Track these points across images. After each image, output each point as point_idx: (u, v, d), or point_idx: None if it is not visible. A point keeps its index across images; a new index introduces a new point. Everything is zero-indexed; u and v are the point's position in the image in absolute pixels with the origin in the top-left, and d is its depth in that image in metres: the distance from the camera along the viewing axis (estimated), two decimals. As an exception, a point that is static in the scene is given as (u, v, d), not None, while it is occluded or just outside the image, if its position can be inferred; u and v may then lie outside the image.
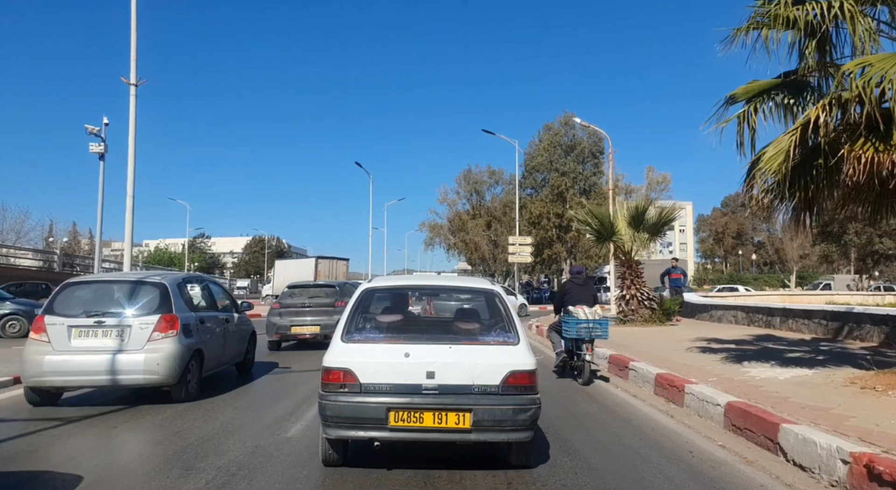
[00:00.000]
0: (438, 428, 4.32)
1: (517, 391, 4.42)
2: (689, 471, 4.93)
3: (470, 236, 58.61)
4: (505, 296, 5.30)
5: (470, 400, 4.34)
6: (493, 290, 5.33)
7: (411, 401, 4.34)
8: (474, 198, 69.21)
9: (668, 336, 14.28)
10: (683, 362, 9.47)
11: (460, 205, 67.67)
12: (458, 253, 65.38)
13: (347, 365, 4.43)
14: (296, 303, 13.85)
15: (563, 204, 45.77)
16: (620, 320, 18.24)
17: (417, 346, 4.54)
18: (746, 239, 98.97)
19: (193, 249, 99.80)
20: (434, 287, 6.46)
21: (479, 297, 5.80)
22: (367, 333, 4.86)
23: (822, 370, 8.44)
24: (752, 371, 8.49)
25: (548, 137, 45.91)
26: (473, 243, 58.36)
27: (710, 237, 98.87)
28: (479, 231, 60.96)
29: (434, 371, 4.37)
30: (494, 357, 4.53)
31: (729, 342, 12.27)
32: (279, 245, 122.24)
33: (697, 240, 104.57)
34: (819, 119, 6.75)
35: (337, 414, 4.37)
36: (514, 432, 4.40)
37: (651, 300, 18.86)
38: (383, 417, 4.31)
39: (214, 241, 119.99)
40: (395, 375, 4.39)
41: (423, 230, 67.70)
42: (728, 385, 7.32)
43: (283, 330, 13.42)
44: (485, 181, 68.17)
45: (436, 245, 67.89)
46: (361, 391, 4.36)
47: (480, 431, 4.34)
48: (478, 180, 67.31)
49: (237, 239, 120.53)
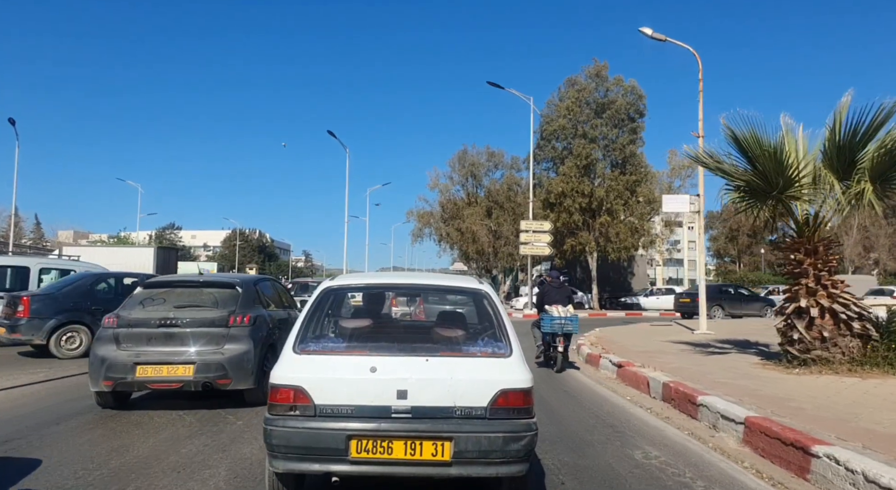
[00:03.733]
0: (411, 460, 3.33)
1: (509, 414, 3.45)
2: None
3: (466, 224, 47.41)
4: (495, 297, 4.20)
5: (450, 425, 3.38)
6: (481, 290, 4.25)
7: (378, 427, 3.35)
8: (470, 183, 58.02)
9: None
10: None
11: (454, 191, 56.69)
12: (450, 245, 54.06)
13: (299, 382, 3.44)
14: (150, 318, 6.67)
15: (591, 179, 34.56)
16: (792, 360, 9.22)
17: (387, 359, 3.58)
18: (762, 237, 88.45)
19: (161, 241, 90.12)
20: (410, 286, 5.10)
21: (466, 298, 4.93)
22: (325, 343, 3.90)
23: None
24: None
25: (572, 94, 34.56)
26: (471, 233, 47.16)
27: (723, 235, 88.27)
28: (477, 219, 49.72)
29: (407, 390, 3.40)
30: (481, 372, 3.54)
31: None
32: (261, 239, 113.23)
33: (708, 238, 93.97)
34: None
35: (286, 443, 3.38)
36: (505, 465, 3.40)
37: (862, 320, 8.99)
38: (343, 447, 3.33)
39: (195, 234, 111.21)
40: (359, 395, 3.41)
41: (410, 219, 56.38)
42: None
43: (119, 372, 6.37)
44: (483, 164, 57.12)
45: (425, 237, 56.67)
46: (316, 415, 3.40)
47: (463, 464, 3.36)
48: (475, 162, 56.16)
49: (216, 232, 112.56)
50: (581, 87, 34.85)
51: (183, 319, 6.60)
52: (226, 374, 6.41)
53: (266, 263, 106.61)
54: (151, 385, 6.48)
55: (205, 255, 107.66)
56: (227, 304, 6.91)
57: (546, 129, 35.33)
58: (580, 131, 34.34)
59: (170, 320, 6.58)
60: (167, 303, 6.85)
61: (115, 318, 6.69)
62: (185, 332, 6.55)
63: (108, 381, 6.37)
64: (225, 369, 6.43)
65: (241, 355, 6.53)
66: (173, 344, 6.50)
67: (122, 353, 6.42)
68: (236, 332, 6.64)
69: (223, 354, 6.46)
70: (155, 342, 6.51)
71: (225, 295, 7.04)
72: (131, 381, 6.38)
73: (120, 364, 6.36)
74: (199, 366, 6.39)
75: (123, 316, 6.71)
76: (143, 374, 6.35)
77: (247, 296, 7.13)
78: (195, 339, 6.54)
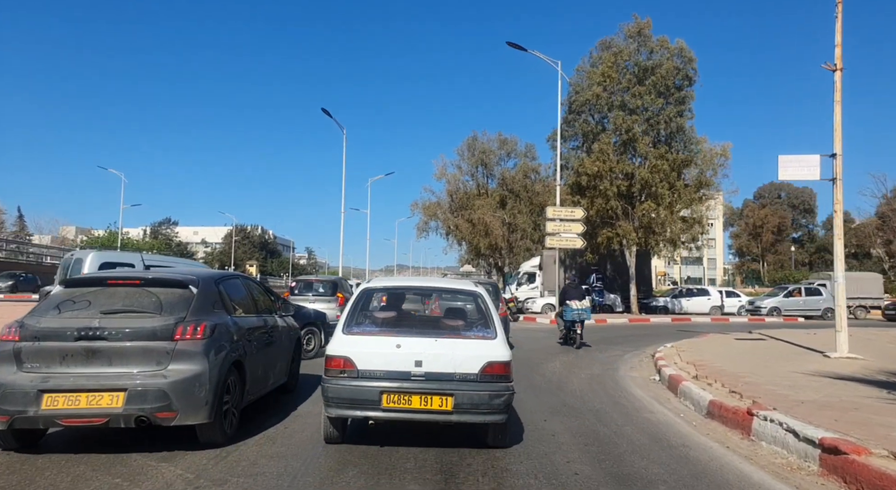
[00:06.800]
0: (424, 409, 4.72)
1: (493, 379, 4.79)
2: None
3: (478, 215, 41.37)
4: (487, 296, 5.47)
5: (452, 386, 4.73)
6: (476, 292, 5.53)
7: (401, 385, 4.73)
8: (480, 172, 51.94)
9: None
10: None
11: (464, 180, 50.67)
12: (459, 241, 48.01)
13: (347, 353, 4.85)
14: (67, 328, 5.05)
15: (632, 158, 28.39)
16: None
17: (408, 339, 4.93)
18: (787, 234, 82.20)
19: (157, 237, 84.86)
20: (425, 288, 6.96)
21: (467, 297, 5.84)
22: (364, 327, 5.21)
23: None
24: None
25: (607, 59, 28.31)
26: (483, 224, 41.09)
27: (745, 232, 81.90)
28: (489, 210, 43.67)
29: (421, 360, 4.78)
30: (474, 349, 4.88)
31: None
32: (263, 235, 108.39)
33: (729, 235, 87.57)
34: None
35: (337, 395, 4.80)
36: (490, 415, 4.77)
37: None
38: (377, 399, 4.72)
39: (196, 230, 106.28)
40: (388, 363, 4.79)
41: (415, 212, 50.32)
42: None
43: (17, 403, 4.79)
44: (494, 151, 51.00)
45: (431, 231, 50.58)
46: (359, 376, 4.79)
47: (461, 413, 4.72)
48: (486, 150, 50.07)
49: (218, 228, 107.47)
50: (618, 50, 28.63)
51: (111, 330, 5.00)
52: (169, 404, 4.80)
53: (268, 260, 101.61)
54: (64, 421, 4.84)
55: (203, 252, 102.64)
56: (176, 308, 5.32)
57: (576, 101, 29.08)
58: (618, 101, 28.11)
59: (93, 331, 4.98)
60: (92, 307, 5.26)
61: (17, 328, 5.09)
62: (114, 347, 4.98)
63: (2, 417, 4.76)
64: (168, 398, 4.83)
65: (191, 379, 4.93)
66: (97, 364, 4.96)
67: (24, 377, 4.87)
68: (186, 346, 5.05)
69: (166, 378, 4.87)
70: (71, 361, 4.96)
71: (173, 297, 5.42)
72: (35, 415, 4.79)
73: (19, 392, 4.79)
74: (131, 394, 4.83)
75: (29, 325, 5.10)
76: (51, 406, 4.79)
77: (204, 298, 5.57)
78: (128, 358, 4.99)
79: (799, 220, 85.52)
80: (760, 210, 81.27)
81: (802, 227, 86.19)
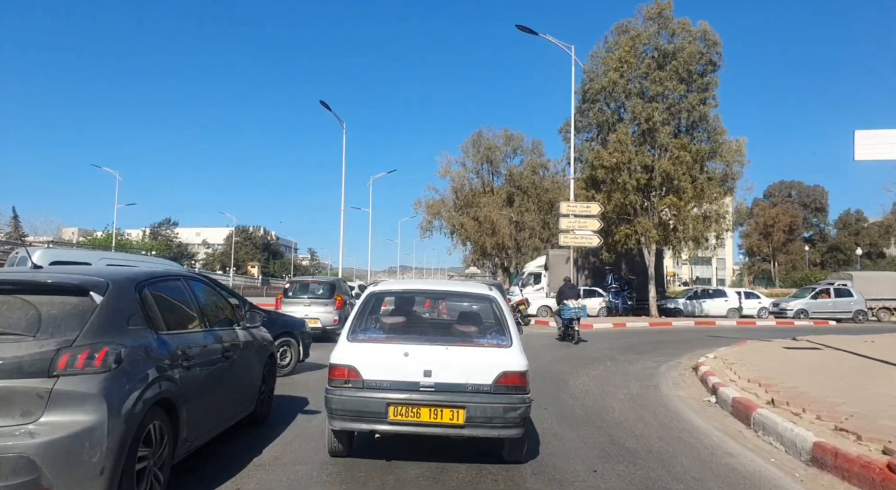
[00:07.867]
0: (434, 423, 4.35)
1: (508, 391, 4.42)
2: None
3: (484, 212, 39.24)
4: (501, 300, 5.16)
5: (464, 397, 4.35)
6: (490, 296, 5.21)
7: (409, 397, 4.35)
8: (486, 169, 49.76)
9: None
10: None
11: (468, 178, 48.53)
12: (464, 240, 45.86)
13: (351, 362, 4.49)
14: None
15: (651, 149, 26.21)
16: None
17: (416, 347, 4.55)
18: (799, 233, 79.83)
19: (156, 238, 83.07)
20: (434, 292, 6.64)
21: (480, 301, 5.54)
22: (370, 333, 4.86)
23: None
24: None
25: (624, 43, 26.17)
26: (489, 222, 38.96)
27: (756, 232, 79.50)
28: (496, 208, 41.56)
29: (431, 370, 4.39)
30: (488, 358, 4.51)
31: None
32: (265, 236, 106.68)
33: (739, 234, 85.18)
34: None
35: (341, 407, 4.42)
36: (505, 429, 4.40)
37: None
38: (383, 411, 4.35)
39: (199, 231, 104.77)
40: (395, 373, 4.41)
41: (418, 211, 48.18)
42: None
43: None
44: (500, 148, 48.86)
45: (435, 230, 48.47)
46: (364, 387, 4.42)
47: (473, 427, 4.35)
48: (491, 146, 47.90)
49: (220, 230, 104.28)
50: (636, 34, 26.47)
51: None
52: (36, 478, 3.06)
53: (270, 262, 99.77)
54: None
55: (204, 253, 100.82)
56: (63, 326, 3.53)
57: (590, 88, 26.93)
58: (636, 88, 25.96)
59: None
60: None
61: None
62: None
63: None
64: (35, 469, 3.07)
65: (77, 436, 3.20)
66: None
67: None
68: (71, 385, 3.29)
69: (33, 437, 3.11)
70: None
71: (63, 309, 3.64)
72: None
73: None
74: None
75: None
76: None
77: (112, 309, 3.77)
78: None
79: (810, 220, 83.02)
80: (771, 209, 78.93)
81: (814, 227, 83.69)
